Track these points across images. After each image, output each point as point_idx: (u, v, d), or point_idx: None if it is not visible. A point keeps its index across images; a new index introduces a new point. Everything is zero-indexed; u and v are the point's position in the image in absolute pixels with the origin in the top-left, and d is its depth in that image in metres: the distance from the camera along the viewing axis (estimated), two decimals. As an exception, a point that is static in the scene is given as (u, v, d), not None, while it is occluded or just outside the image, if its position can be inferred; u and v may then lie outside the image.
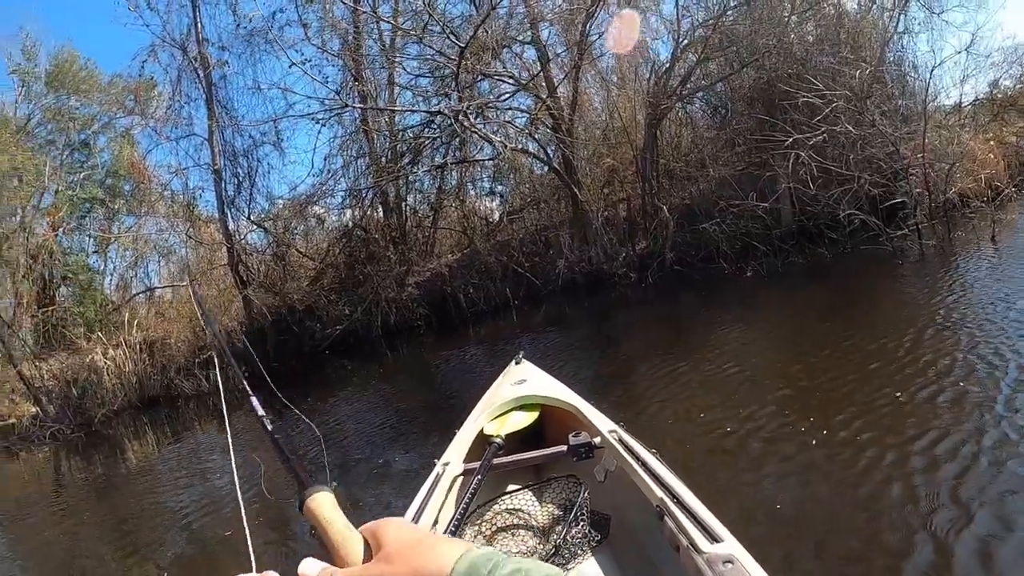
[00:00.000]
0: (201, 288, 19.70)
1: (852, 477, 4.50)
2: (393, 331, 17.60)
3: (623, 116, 17.66)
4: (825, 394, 5.96)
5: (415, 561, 0.91)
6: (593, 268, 16.40)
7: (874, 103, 12.90)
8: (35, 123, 21.70)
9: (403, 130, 18.71)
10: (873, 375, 6.07)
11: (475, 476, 3.44)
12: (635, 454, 3.27)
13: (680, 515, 2.52)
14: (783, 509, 4.36)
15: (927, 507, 3.95)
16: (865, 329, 7.58)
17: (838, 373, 6.33)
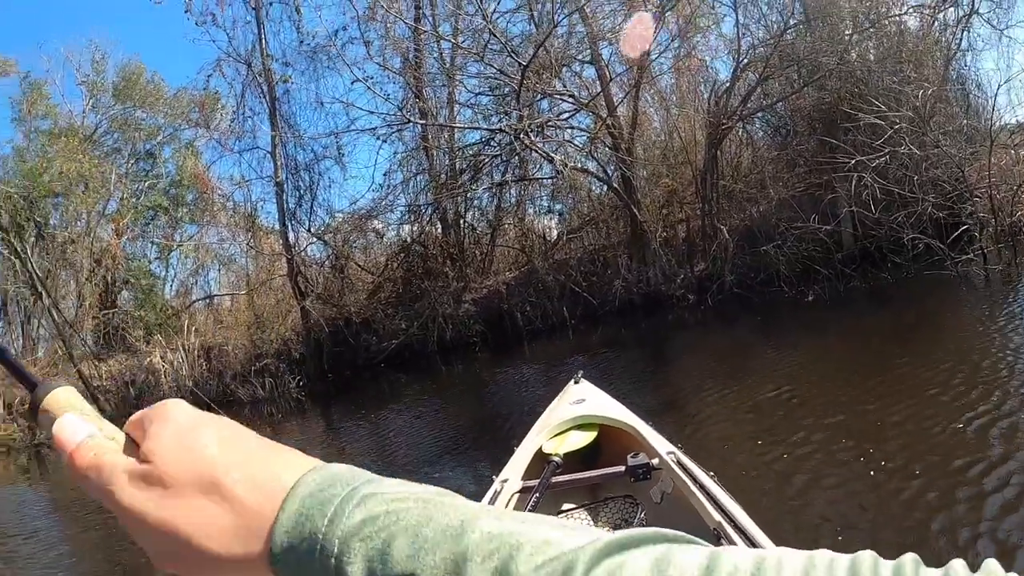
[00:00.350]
0: (259, 297, 20.06)
1: (904, 506, 4.50)
2: (449, 347, 17.61)
3: (683, 136, 17.60)
4: (882, 421, 5.90)
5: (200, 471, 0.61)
6: (651, 289, 16.30)
7: (937, 123, 12.68)
8: (102, 132, 22.32)
9: (463, 147, 18.87)
10: (930, 403, 6.03)
11: (533, 494, 3.50)
12: (693, 476, 3.32)
13: (737, 538, 2.58)
14: (838, 535, 4.35)
15: (973, 539, 3.97)
16: (925, 356, 7.49)
17: (895, 400, 6.28)
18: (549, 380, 12.23)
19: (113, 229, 21.05)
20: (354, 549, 0.55)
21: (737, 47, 15.05)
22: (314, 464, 0.64)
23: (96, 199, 20.51)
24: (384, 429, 11.77)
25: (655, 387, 9.82)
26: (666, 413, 7.80)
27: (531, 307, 17.44)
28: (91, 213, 20.70)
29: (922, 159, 12.27)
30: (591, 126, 17.14)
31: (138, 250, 22.57)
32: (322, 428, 14.22)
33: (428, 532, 0.55)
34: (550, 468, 3.78)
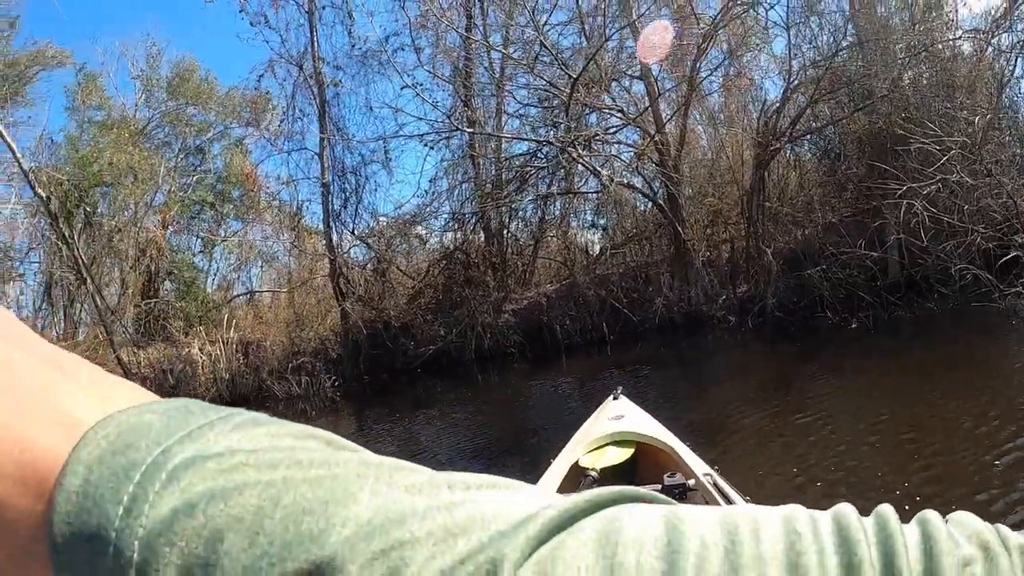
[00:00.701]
0: (300, 296, 20.25)
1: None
2: (486, 356, 17.64)
3: (730, 155, 17.55)
4: (918, 453, 5.90)
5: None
6: (692, 309, 16.25)
7: (990, 152, 12.50)
8: (153, 126, 22.55)
9: (509, 158, 18.97)
10: (967, 437, 5.99)
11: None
12: (729, 500, 3.33)
13: None
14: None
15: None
16: (966, 389, 7.41)
17: (935, 435, 6.27)
18: (585, 395, 12.21)
19: (159, 221, 21.33)
20: (162, 558, 0.36)
21: (788, 67, 14.99)
22: (112, 401, 0.43)
23: (144, 191, 20.78)
24: (417, 434, 11.84)
25: (691, 407, 9.78)
26: (700, 433, 7.73)
27: (571, 320, 17.42)
28: (139, 204, 20.97)
29: (973, 188, 12.07)
30: (638, 142, 17.12)
31: (183, 243, 22.94)
32: (354, 428, 14.09)
33: (275, 527, 0.37)
34: (586, 483, 3.78)
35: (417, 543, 0.37)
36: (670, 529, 0.39)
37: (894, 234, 13.16)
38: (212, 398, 17.23)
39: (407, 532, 0.37)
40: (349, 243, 20.28)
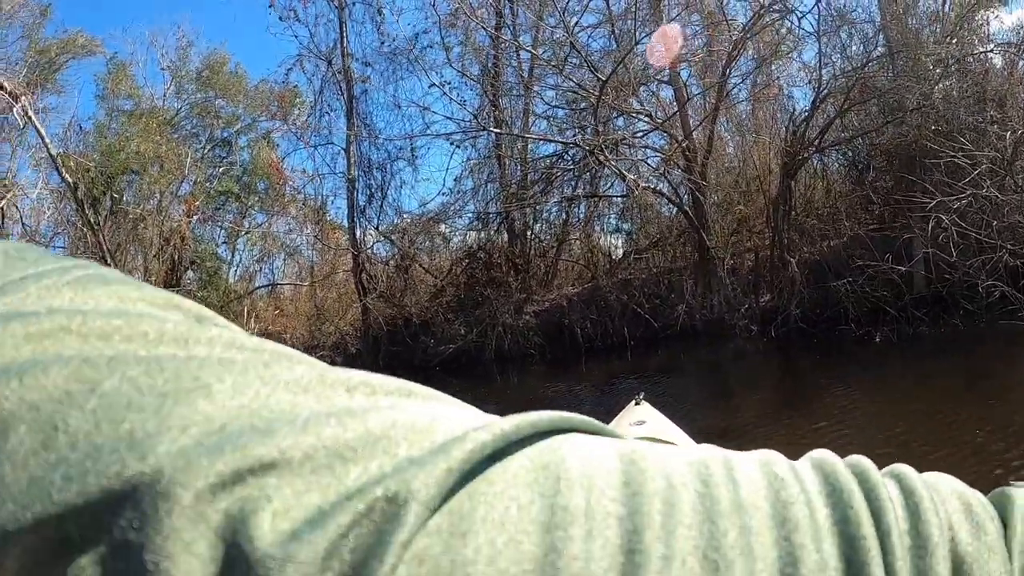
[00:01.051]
0: (321, 290, 20.34)
1: None
2: (506, 356, 17.66)
3: (757, 164, 17.53)
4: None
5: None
6: (714, 317, 16.19)
7: (1021, 167, 12.37)
8: (182, 117, 22.69)
9: (536, 159, 19.01)
10: (985, 458, 5.97)
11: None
12: None
13: None
14: None
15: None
16: (989, 410, 7.36)
17: (951, 453, 6.20)
18: (605, 399, 12.12)
19: (184, 210, 21.46)
20: None
21: (818, 76, 14.89)
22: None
23: (170, 180, 20.92)
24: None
25: (710, 415, 9.73)
26: (718, 442, 7.62)
27: (592, 324, 17.41)
28: (164, 193, 21.12)
29: (1003, 203, 11.97)
30: (664, 147, 17.11)
31: (206, 233, 23.02)
32: None
33: (82, 423, 0.27)
34: None
35: (287, 466, 0.27)
36: (628, 465, 0.33)
37: (922, 248, 13.02)
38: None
39: (275, 448, 0.27)
40: (373, 239, 20.43)
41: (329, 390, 0.31)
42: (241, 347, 0.33)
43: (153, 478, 0.26)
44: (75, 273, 0.34)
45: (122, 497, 0.26)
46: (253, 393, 0.29)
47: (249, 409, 0.29)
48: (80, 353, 0.29)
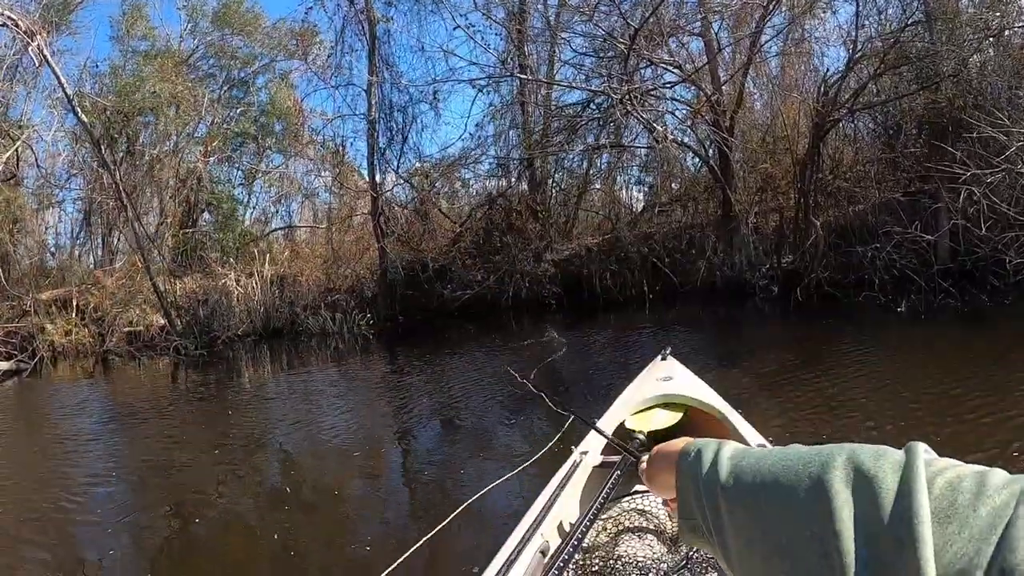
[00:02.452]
0: (338, 233, 20.46)
1: None
2: (523, 304, 17.91)
3: (786, 122, 17.34)
4: (972, 448, 5.83)
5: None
6: (735, 275, 16.32)
7: None
8: (198, 57, 22.50)
9: (561, 107, 18.82)
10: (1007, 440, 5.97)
11: (614, 471, 3.19)
12: None
13: None
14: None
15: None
16: (1011, 390, 7.32)
17: (973, 432, 6.21)
18: (621, 352, 12.53)
19: (201, 151, 21.46)
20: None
21: (854, 38, 14.59)
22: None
23: (186, 121, 20.88)
24: (448, 379, 11.93)
25: (728, 373, 9.79)
26: (738, 402, 7.71)
27: (611, 276, 17.58)
28: (180, 134, 21.12)
29: None
30: (692, 100, 17.02)
31: (223, 174, 23.02)
32: (385, 367, 14.48)
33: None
34: (633, 445, 3.54)
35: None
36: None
37: (950, 219, 13.03)
38: (245, 331, 17.67)
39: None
40: (392, 182, 20.39)
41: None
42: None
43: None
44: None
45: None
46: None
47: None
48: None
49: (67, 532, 6.27)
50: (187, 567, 5.48)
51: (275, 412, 11.10)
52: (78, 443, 9.71)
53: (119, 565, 5.55)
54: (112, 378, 15.68)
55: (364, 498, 6.75)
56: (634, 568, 2.87)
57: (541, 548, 2.81)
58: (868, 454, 0.79)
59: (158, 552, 5.77)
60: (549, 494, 3.22)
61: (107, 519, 6.52)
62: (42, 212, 21.78)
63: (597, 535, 3.21)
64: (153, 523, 6.39)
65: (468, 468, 6.99)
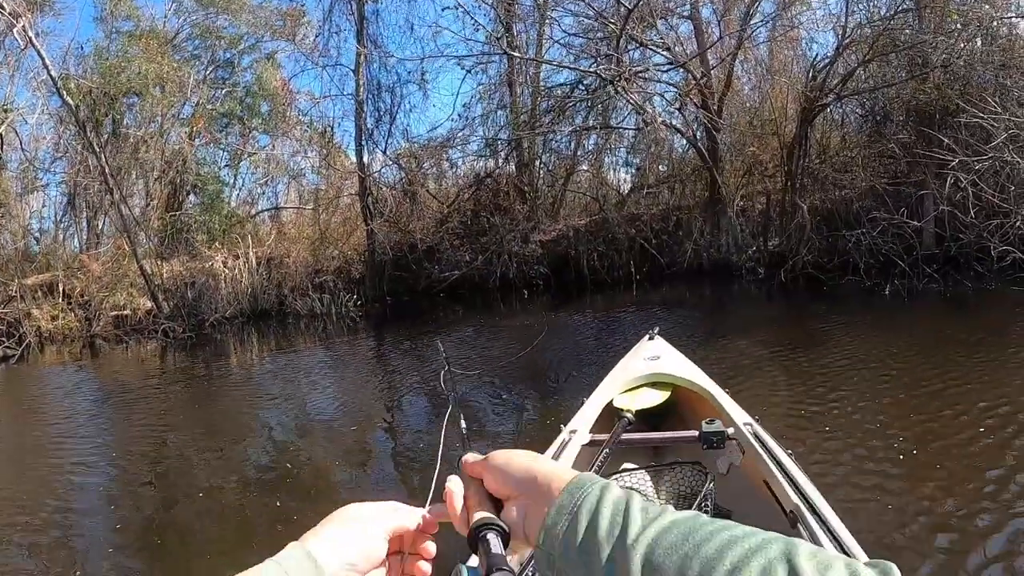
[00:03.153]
0: (325, 214, 20.48)
1: (970, 513, 4.44)
2: (511, 284, 18.09)
3: (774, 106, 17.48)
4: (950, 431, 5.91)
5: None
6: (721, 257, 16.62)
7: None
8: (183, 37, 22.31)
9: (550, 88, 18.90)
10: (985, 422, 6.02)
11: (602, 449, 3.39)
12: (772, 453, 3.19)
13: (816, 526, 2.46)
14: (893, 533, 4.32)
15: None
16: (991, 374, 7.45)
17: (950, 415, 6.26)
18: (608, 332, 12.65)
19: (187, 133, 21.37)
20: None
21: (844, 24, 14.79)
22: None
23: (172, 102, 20.76)
24: (434, 359, 11.56)
25: (714, 353, 9.85)
26: (724, 381, 7.64)
27: (598, 257, 17.78)
28: (166, 116, 21.01)
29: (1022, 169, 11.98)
30: (680, 83, 17.08)
31: (209, 155, 22.93)
32: (373, 348, 14.64)
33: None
34: (621, 424, 3.68)
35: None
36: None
37: (935, 206, 13.24)
38: (233, 313, 17.74)
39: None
40: (380, 163, 20.46)
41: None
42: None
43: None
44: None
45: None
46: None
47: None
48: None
49: (56, 517, 6.33)
50: (178, 548, 5.57)
51: (263, 393, 11.26)
52: (67, 428, 9.81)
53: (109, 547, 5.64)
54: (100, 362, 15.68)
55: (354, 476, 6.87)
56: None
57: None
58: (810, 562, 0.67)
59: (148, 534, 5.86)
60: None
61: (96, 502, 6.65)
62: (26, 196, 21.70)
63: None
64: (143, 505, 6.49)
65: (457, 446, 7.02)
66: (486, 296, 17.90)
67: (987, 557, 3.94)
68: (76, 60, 21.17)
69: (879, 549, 3.88)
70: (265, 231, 22.17)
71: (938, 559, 3.99)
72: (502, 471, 1.01)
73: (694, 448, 3.59)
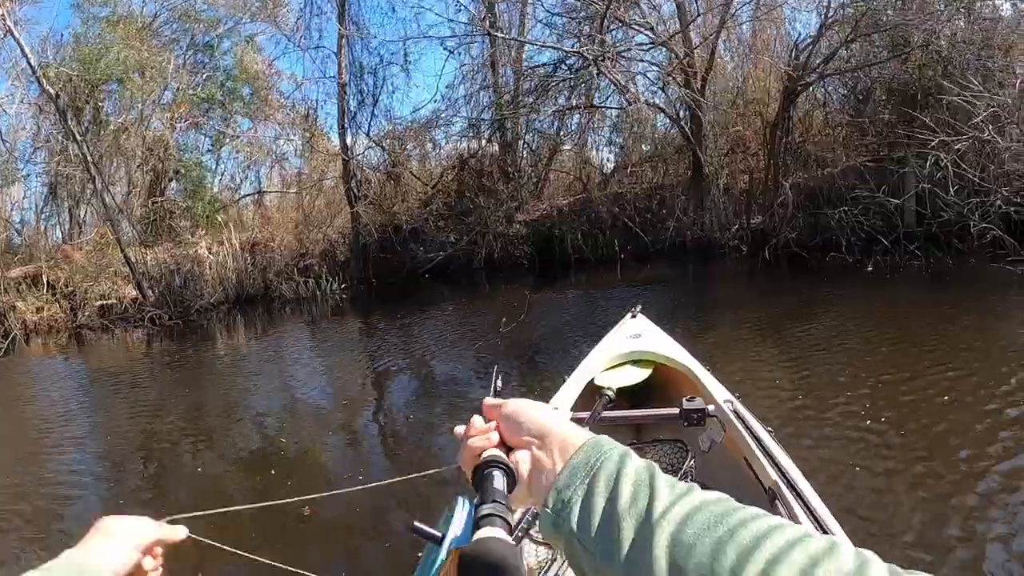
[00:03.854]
0: (309, 198, 20.52)
1: (947, 484, 4.57)
2: (496, 264, 18.30)
3: (757, 86, 17.71)
4: (930, 404, 6.00)
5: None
6: (704, 235, 16.79)
7: (1022, 118, 12.42)
8: (161, 22, 22.06)
9: (533, 68, 18.88)
10: (974, 393, 6.18)
11: (584, 425, 3.41)
12: (751, 430, 3.21)
13: (793, 502, 2.47)
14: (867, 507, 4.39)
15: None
16: (972, 349, 7.60)
17: (942, 385, 6.39)
18: (593, 310, 12.82)
19: (168, 119, 21.28)
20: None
21: (826, 4, 14.90)
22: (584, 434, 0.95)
23: (152, 88, 20.65)
24: (421, 339, 12.21)
25: (699, 330, 10.05)
26: (707, 358, 7.68)
27: (582, 236, 17.97)
28: (146, 102, 20.91)
29: (1003, 150, 12.15)
30: (663, 62, 17.21)
31: (191, 141, 22.69)
32: (358, 330, 14.74)
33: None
34: (602, 402, 3.69)
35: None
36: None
37: (917, 184, 13.39)
38: (219, 299, 17.80)
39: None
40: (363, 145, 20.42)
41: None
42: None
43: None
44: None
45: None
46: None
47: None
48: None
49: (46, 506, 6.39)
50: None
51: (251, 377, 11.37)
52: (55, 418, 9.81)
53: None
54: (87, 352, 15.71)
55: (343, 456, 6.95)
56: None
57: None
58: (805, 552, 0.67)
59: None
60: None
61: (86, 490, 6.74)
62: (6, 188, 21.58)
63: None
64: (134, 492, 6.55)
65: (444, 422, 7.25)
66: (471, 276, 18.06)
67: (966, 529, 4.05)
68: (55, 48, 21.02)
69: (858, 525, 4.06)
70: (249, 216, 22.20)
71: (917, 533, 4.09)
72: (515, 418, 1.02)
73: (675, 426, 3.64)
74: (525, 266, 18.27)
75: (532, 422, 1.00)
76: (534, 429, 0.99)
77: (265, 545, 4.71)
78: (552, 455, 0.94)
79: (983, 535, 3.99)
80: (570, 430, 0.96)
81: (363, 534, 5.12)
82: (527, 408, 1.03)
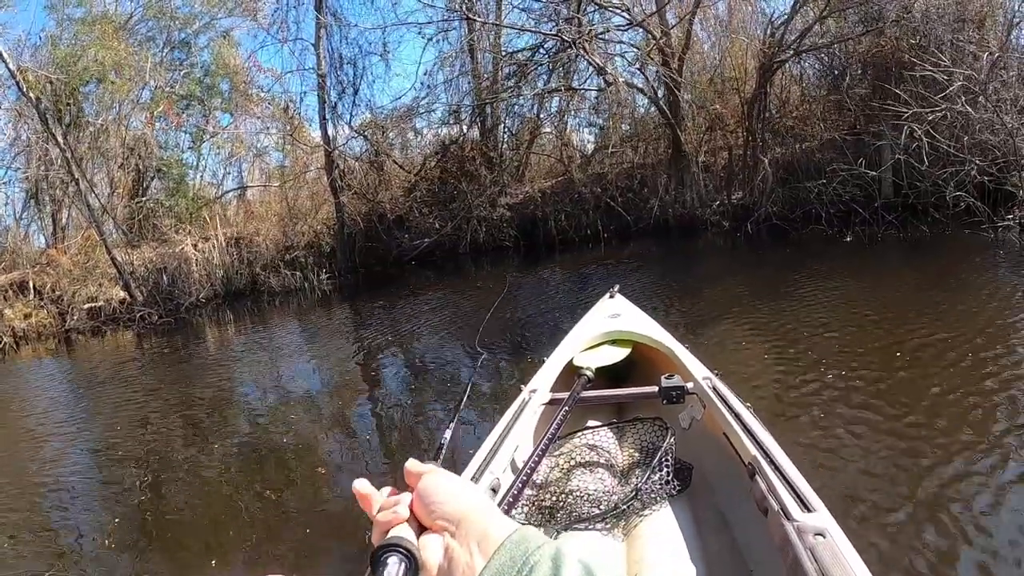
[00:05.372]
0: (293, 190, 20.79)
1: (925, 457, 4.60)
2: (481, 249, 18.67)
3: (734, 63, 18.12)
4: (909, 373, 6.13)
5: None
6: (686, 212, 17.23)
7: (995, 89, 12.80)
8: (136, 20, 22.10)
9: (511, 52, 19.22)
10: (941, 356, 6.43)
11: (562, 407, 3.43)
12: (730, 406, 3.19)
13: (773, 476, 2.47)
14: (855, 484, 4.42)
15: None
16: (947, 307, 7.96)
17: (925, 352, 6.58)
18: (577, 290, 13.07)
19: (147, 117, 21.42)
20: None
21: (801, -20, 15.16)
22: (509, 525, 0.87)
23: (130, 88, 20.79)
24: (408, 326, 12.46)
25: (682, 306, 10.40)
26: (688, 335, 8.04)
27: (566, 217, 18.41)
28: (124, 102, 21.06)
29: (977, 121, 12.60)
30: (641, 43, 17.54)
31: (171, 139, 22.98)
32: (347, 319, 14.99)
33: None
34: (580, 382, 3.78)
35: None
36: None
37: (893, 156, 13.78)
38: (207, 296, 18.10)
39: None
40: (345, 136, 20.75)
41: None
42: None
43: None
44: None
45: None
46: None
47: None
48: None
49: (41, 505, 6.61)
50: (165, 530, 5.70)
51: (242, 371, 11.63)
52: (48, 421, 10.02)
53: (95, 532, 5.84)
54: (77, 355, 15.94)
55: (334, 447, 7.08)
56: (585, 501, 2.98)
57: (492, 486, 2.87)
58: None
59: (135, 518, 6.03)
60: (499, 433, 3.23)
61: (81, 489, 6.92)
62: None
63: (550, 471, 3.36)
64: (128, 490, 6.70)
65: (435, 408, 7.51)
66: (457, 262, 18.47)
67: (946, 502, 4.11)
68: (31, 51, 21.13)
69: (838, 498, 4.16)
70: (233, 211, 22.49)
71: (899, 505, 4.14)
72: (427, 497, 0.93)
73: (655, 404, 3.70)
74: (510, 249, 18.66)
75: (445, 504, 0.92)
76: (449, 512, 0.91)
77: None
78: (468, 547, 0.86)
79: (968, 506, 4.04)
80: (491, 519, 0.89)
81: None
82: (442, 485, 0.95)
